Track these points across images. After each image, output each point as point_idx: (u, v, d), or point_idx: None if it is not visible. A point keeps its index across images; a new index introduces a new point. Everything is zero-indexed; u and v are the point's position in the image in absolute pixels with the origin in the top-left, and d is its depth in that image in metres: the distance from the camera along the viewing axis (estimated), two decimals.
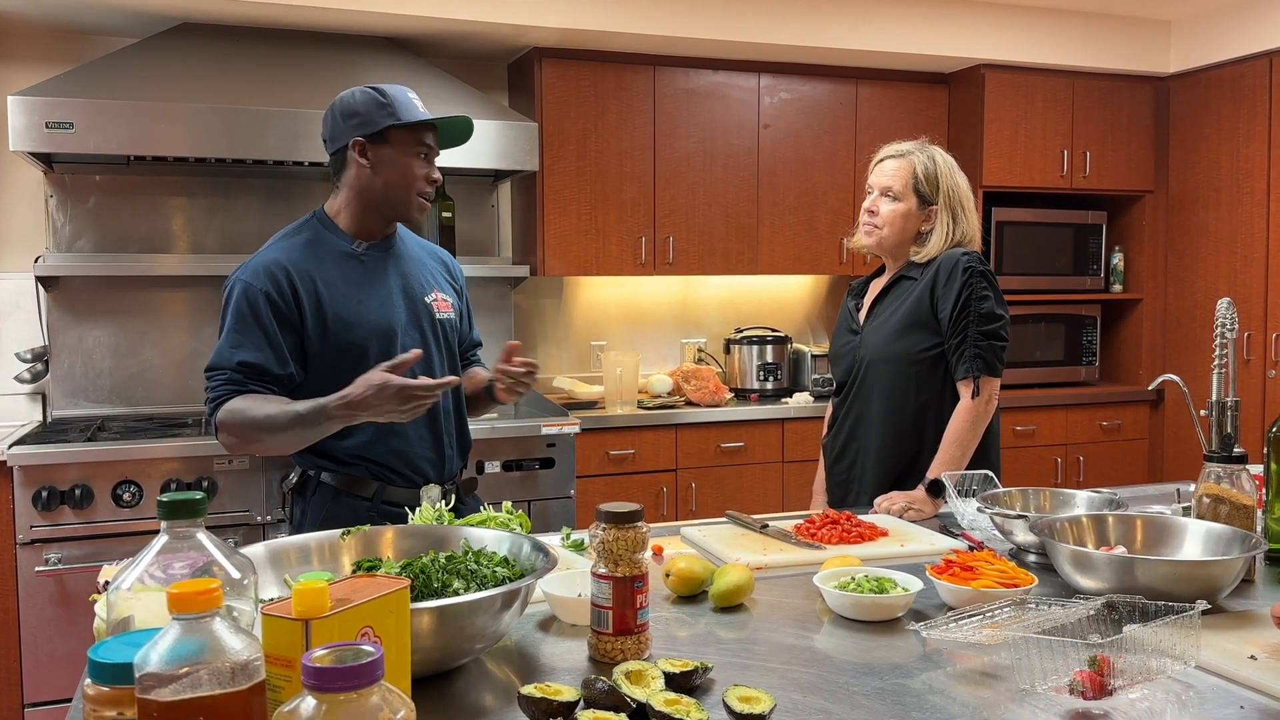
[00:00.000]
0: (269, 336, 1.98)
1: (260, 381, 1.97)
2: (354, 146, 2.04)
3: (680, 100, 4.24)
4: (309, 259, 2.04)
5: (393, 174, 2.04)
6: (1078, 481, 4.59)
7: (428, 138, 2.07)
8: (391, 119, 2.02)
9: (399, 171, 2.04)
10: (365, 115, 2.03)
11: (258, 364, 1.97)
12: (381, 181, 2.05)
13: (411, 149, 2.05)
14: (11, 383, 3.74)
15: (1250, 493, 1.73)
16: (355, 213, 2.10)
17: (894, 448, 2.37)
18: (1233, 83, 4.48)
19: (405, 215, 2.10)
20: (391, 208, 2.08)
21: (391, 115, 2.02)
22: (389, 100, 2.03)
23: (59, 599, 3.09)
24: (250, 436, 1.94)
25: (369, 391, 1.82)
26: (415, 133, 2.05)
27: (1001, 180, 4.56)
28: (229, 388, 1.96)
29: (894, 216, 2.39)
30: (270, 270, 2.01)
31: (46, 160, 3.57)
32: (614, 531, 1.31)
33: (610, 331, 4.57)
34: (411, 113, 2.04)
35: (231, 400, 1.95)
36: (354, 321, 2.03)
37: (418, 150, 2.05)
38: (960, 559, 1.59)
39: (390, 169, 2.04)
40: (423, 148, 2.06)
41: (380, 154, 2.04)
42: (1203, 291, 4.65)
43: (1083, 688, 1.17)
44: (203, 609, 0.86)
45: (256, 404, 1.94)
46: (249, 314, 1.98)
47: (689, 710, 1.10)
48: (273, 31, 3.76)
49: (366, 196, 2.07)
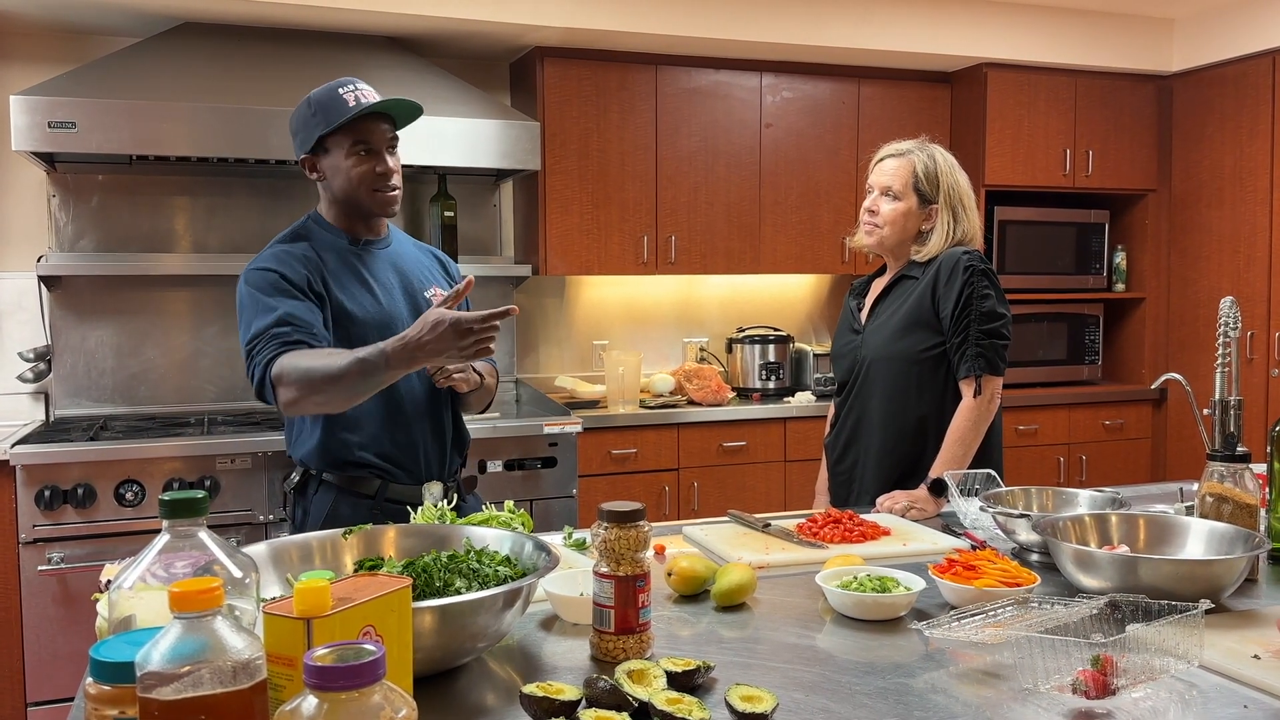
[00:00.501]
0: (302, 298, 1.96)
1: (306, 332, 1.92)
2: (303, 164, 2.07)
3: (682, 99, 4.24)
4: (313, 254, 2.06)
5: (339, 180, 2.03)
6: (1080, 481, 4.59)
7: (364, 133, 2.01)
8: (320, 128, 2.00)
9: (344, 176, 2.03)
10: (303, 131, 2.04)
11: (300, 315, 1.92)
12: (338, 187, 2.05)
13: (349, 150, 2.01)
14: (14, 382, 3.75)
15: (1253, 492, 1.73)
16: (337, 216, 2.11)
17: (896, 447, 2.36)
18: (1235, 81, 4.47)
19: (371, 213, 2.08)
20: (358, 207, 2.07)
21: (319, 124, 2.00)
22: (315, 107, 2.01)
23: (61, 598, 3.10)
24: (311, 386, 1.85)
25: (424, 330, 1.75)
26: (348, 133, 2.00)
27: (1004, 179, 4.56)
28: (275, 344, 1.89)
29: (894, 215, 2.39)
30: (279, 257, 2.02)
31: (49, 160, 3.57)
32: (616, 531, 1.31)
33: (612, 331, 4.57)
34: (335, 115, 1.99)
35: (284, 355, 1.88)
36: (357, 316, 2.03)
37: (355, 149, 2.01)
38: (963, 558, 1.59)
39: (336, 175, 2.03)
40: (359, 146, 2.01)
41: (325, 163, 2.04)
42: (1205, 290, 4.64)
43: (1086, 687, 1.17)
44: (204, 608, 0.86)
45: (314, 354, 1.87)
46: (270, 287, 1.95)
47: (691, 709, 1.10)
48: (275, 31, 3.76)
49: (336, 203, 2.09)
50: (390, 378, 1.84)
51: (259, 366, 1.91)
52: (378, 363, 1.79)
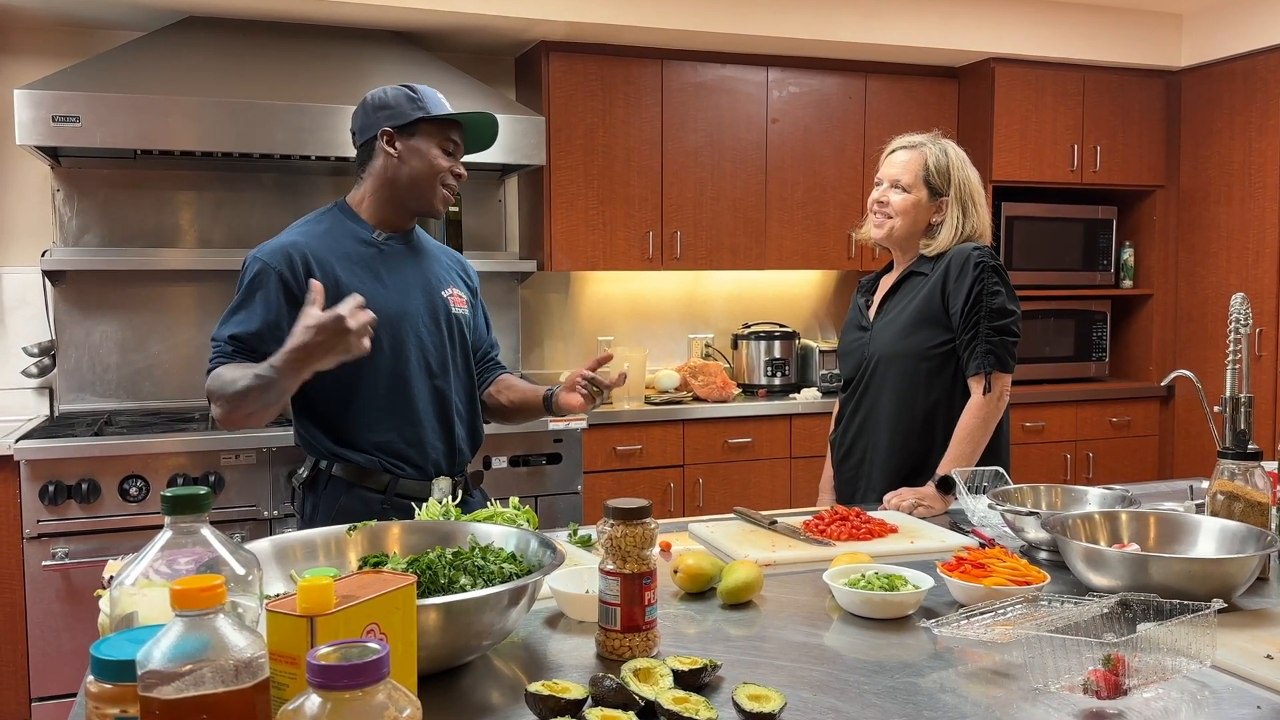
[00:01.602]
0: (269, 313, 2.00)
1: (247, 355, 1.98)
2: (383, 136, 2.08)
3: (688, 94, 4.23)
4: (328, 244, 2.06)
5: (419, 164, 2.08)
6: (1087, 478, 4.57)
7: (454, 134, 2.12)
8: (421, 112, 2.07)
9: (425, 162, 2.08)
10: (396, 108, 2.08)
11: (246, 337, 1.99)
12: (408, 171, 2.08)
13: (438, 142, 2.09)
14: (18, 377, 3.75)
15: (1264, 490, 1.71)
16: (379, 203, 2.13)
17: (904, 444, 2.35)
18: (1244, 76, 4.45)
19: (429, 206, 2.12)
20: (415, 198, 2.11)
21: (421, 109, 2.08)
22: (419, 96, 2.09)
23: (65, 593, 3.10)
24: (226, 401, 1.93)
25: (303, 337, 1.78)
26: (442, 127, 2.10)
27: (1011, 175, 4.54)
28: (219, 359, 1.99)
29: (905, 206, 2.37)
30: (288, 251, 2.03)
31: (53, 154, 3.57)
32: (622, 528, 1.30)
33: (617, 327, 4.56)
34: (440, 107, 2.10)
35: (219, 369, 1.97)
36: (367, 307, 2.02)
37: (444, 144, 2.10)
38: (971, 556, 1.58)
39: (417, 159, 2.08)
40: (449, 143, 2.10)
41: (408, 145, 2.08)
42: (1214, 287, 4.62)
43: (1097, 687, 1.16)
44: (206, 606, 0.85)
45: (230, 370, 1.95)
46: (256, 290, 2.01)
47: (698, 708, 1.09)
48: (280, 25, 3.75)
49: (392, 187, 2.10)
50: (287, 385, 1.87)
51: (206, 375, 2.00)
52: (269, 374, 1.85)
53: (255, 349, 1.98)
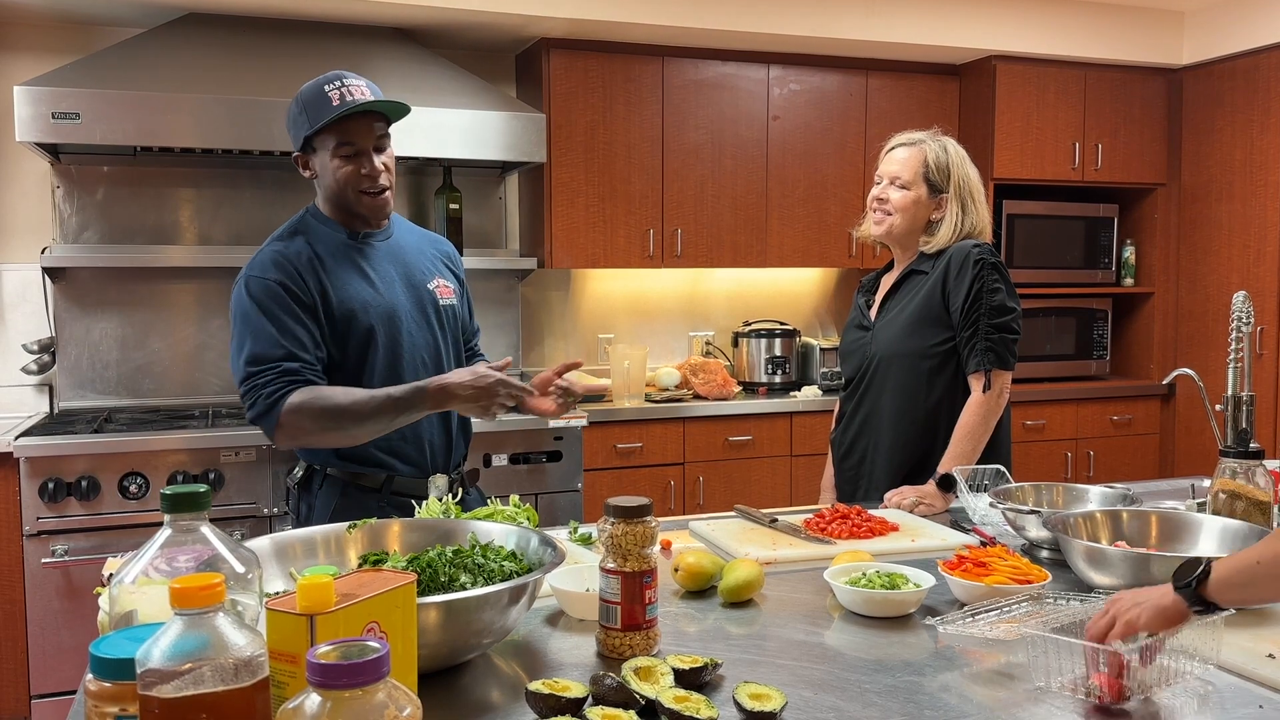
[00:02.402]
0: (301, 323, 1.95)
1: (313, 370, 1.94)
2: (296, 162, 2.06)
3: (689, 92, 4.22)
4: (309, 251, 2.03)
5: (328, 179, 2.01)
6: (1088, 476, 4.57)
7: (349, 133, 1.97)
8: (307, 128, 1.98)
9: (331, 176, 2.00)
10: (294, 131, 2.02)
11: (306, 354, 1.93)
12: (326, 187, 2.03)
13: (334, 151, 1.98)
14: (18, 374, 3.74)
15: (1266, 488, 1.71)
16: (332, 212, 2.09)
17: (905, 443, 2.35)
18: (1246, 74, 4.44)
19: (358, 214, 2.05)
20: (350, 210, 2.05)
21: (305, 123, 1.98)
22: (302, 105, 1.98)
23: (65, 591, 3.09)
24: (325, 428, 1.89)
25: (472, 378, 1.88)
26: (333, 132, 1.97)
27: (1012, 173, 4.53)
28: (287, 380, 1.90)
29: (905, 203, 2.37)
30: (277, 262, 1.99)
31: (53, 151, 3.57)
32: (623, 526, 1.29)
33: (618, 324, 4.56)
34: (319, 115, 1.95)
35: (296, 393, 1.89)
36: (358, 308, 2.02)
37: (340, 150, 1.98)
38: (973, 554, 1.57)
39: (325, 175, 2.02)
40: (344, 146, 1.97)
41: (316, 162, 2.03)
42: (1215, 285, 4.61)
43: (1100, 692, 1.15)
44: (206, 604, 0.85)
45: (330, 394, 1.90)
46: (274, 304, 1.94)
47: (699, 707, 1.09)
48: (280, 22, 3.74)
49: (328, 201, 2.07)
50: (421, 414, 1.95)
51: (263, 399, 1.90)
52: (414, 400, 1.89)
53: (316, 361, 1.95)
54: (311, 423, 1.89)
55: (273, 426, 1.90)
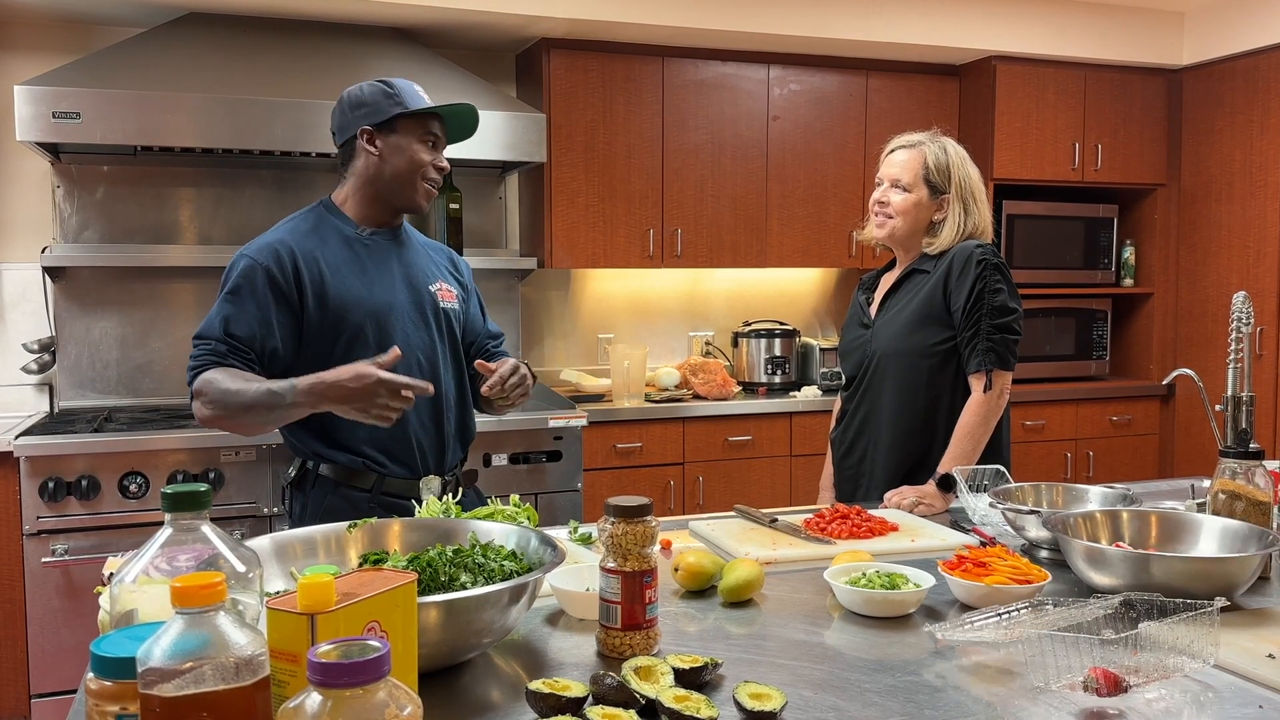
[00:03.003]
0: (261, 311, 1.99)
1: (241, 356, 1.97)
2: (362, 135, 2.06)
3: (689, 92, 4.22)
4: (314, 241, 2.06)
5: (400, 161, 2.06)
6: (1087, 477, 4.57)
7: (434, 127, 2.09)
8: (399, 107, 2.05)
9: (406, 158, 2.06)
10: (373, 105, 2.06)
11: (242, 337, 1.98)
12: (389, 169, 2.07)
13: (418, 137, 2.07)
14: (18, 373, 3.74)
15: (1266, 489, 1.71)
16: (362, 201, 2.11)
17: (905, 442, 2.35)
18: (1246, 75, 4.44)
19: (411, 202, 2.10)
20: (398, 195, 2.09)
21: (399, 104, 2.05)
22: (395, 91, 2.07)
23: (65, 590, 3.09)
24: (224, 409, 1.92)
25: (344, 376, 1.82)
26: (422, 121, 2.07)
27: (1012, 173, 4.53)
28: (211, 358, 1.96)
29: (906, 206, 2.37)
30: (275, 249, 2.02)
31: (53, 150, 3.57)
32: (623, 526, 1.29)
33: (618, 324, 4.56)
34: (417, 101, 2.07)
35: (209, 371, 1.94)
36: (353, 303, 2.03)
37: (424, 138, 2.07)
38: (972, 555, 1.57)
39: (397, 156, 2.06)
40: (429, 136, 2.08)
41: (388, 142, 2.06)
42: (1215, 286, 4.62)
43: (1097, 685, 1.15)
44: (206, 603, 0.85)
45: (230, 376, 1.93)
46: (245, 287, 2.00)
47: (699, 707, 1.09)
48: (280, 21, 3.74)
49: (374, 185, 2.09)
50: (295, 413, 1.91)
51: (189, 373, 1.98)
52: (284, 396, 1.87)
53: (250, 349, 1.98)
54: (210, 404, 1.92)
55: (190, 399, 1.97)
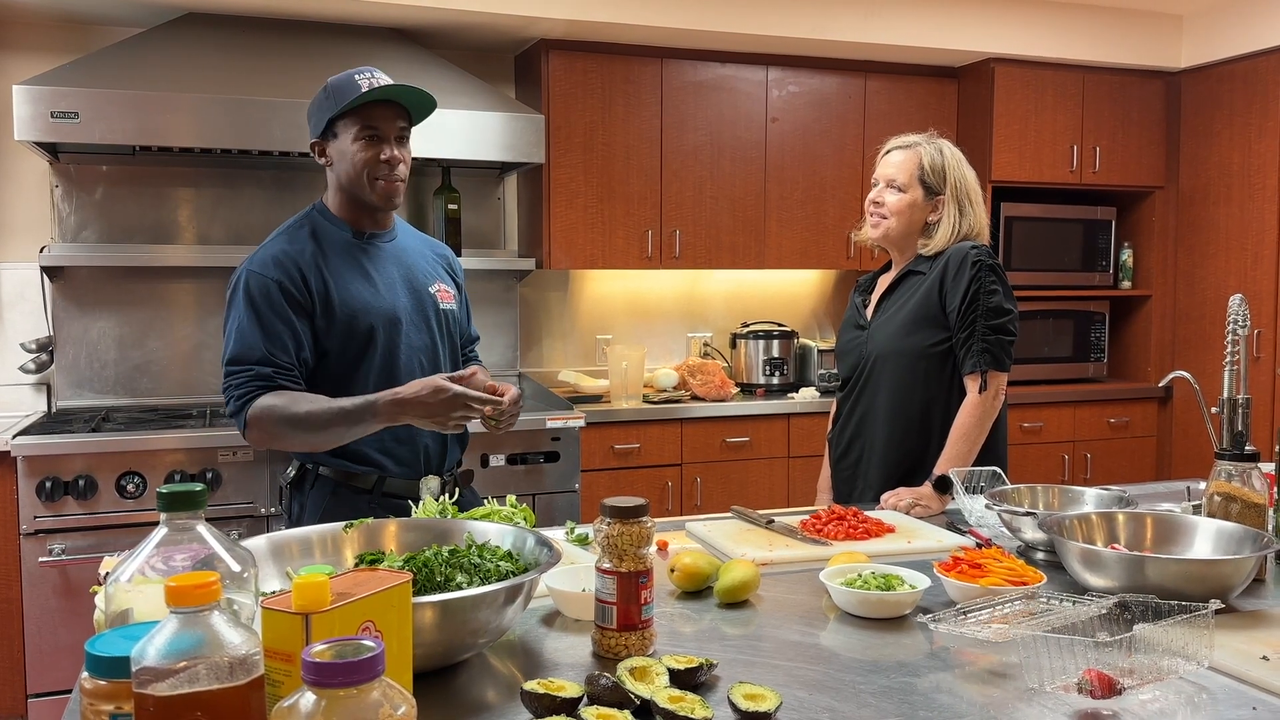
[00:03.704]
0: (289, 325, 1.96)
1: (288, 375, 1.95)
2: (314, 149, 2.07)
3: (687, 93, 4.22)
4: (314, 248, 2.04)
5: (344, 164, 2.03)
6: (1085, 479, 4.57)
7: (373, 118, 2.00)
8: (331, 110, 2.00)
9: (348, 160, 2.02)
10: (316, 116, 2.04)
11: (284, 358, 1.95)
12: (342, 174, 2.04)
13: (354, 136, 2.00)
14: (16, 373, 3.74)
15: (1261, 491, 1.72)
16: (342, 205, 2.10)
17: (901, 443, 2.35)
18: (1245, 78, 4.45)
19: (369, 201, 2.05)
20: (360, 197, 2.06)
21: (331, 107, 2.00)
22: (330, 92, 2.01)
23: (62, 590, 3.09)
24: (286, 434, 1.92)
25: (423, 391, 1.84)
26: (357, 117, 2.00)
27: (1011, 175, 4.54)
28: (258, 384, 1.93)
29: (901, 207, 2.37)
30: (279, 260, 2.00)
31: (52, 150, 3.56)
32: (619, 526, 1.30)
33: (616, 325, 4.56)
34: (345, 97, 1.98)
35: (263, 397, 1.92)
36: (360, 308, 2.02)
37: (362, 134, 2.00)
38: (968, 556, 1.58)
39: (341, 160, 2.03)
40: (367, 130, 1.99)
41: (334, 148, 2.04)
42: (1212, 288, 4.62)
43: (1091, 686, 1.16)
44: (201, 602, 0.85)
45: (294, 401, 1.91)
46: (265, 305, 1.96)
47: (694, 707, 1.09)
48: (279, 22, 3.74)
49: (342, 191, 2.08)
50: (374, 428, 1.92)
51: (235, 400, 1.95)
52: (364, 414, 1.88)
53: (292, 367, 1.96)
54: (274, 428, 1.92)
55: (242, 427, 1.96)
